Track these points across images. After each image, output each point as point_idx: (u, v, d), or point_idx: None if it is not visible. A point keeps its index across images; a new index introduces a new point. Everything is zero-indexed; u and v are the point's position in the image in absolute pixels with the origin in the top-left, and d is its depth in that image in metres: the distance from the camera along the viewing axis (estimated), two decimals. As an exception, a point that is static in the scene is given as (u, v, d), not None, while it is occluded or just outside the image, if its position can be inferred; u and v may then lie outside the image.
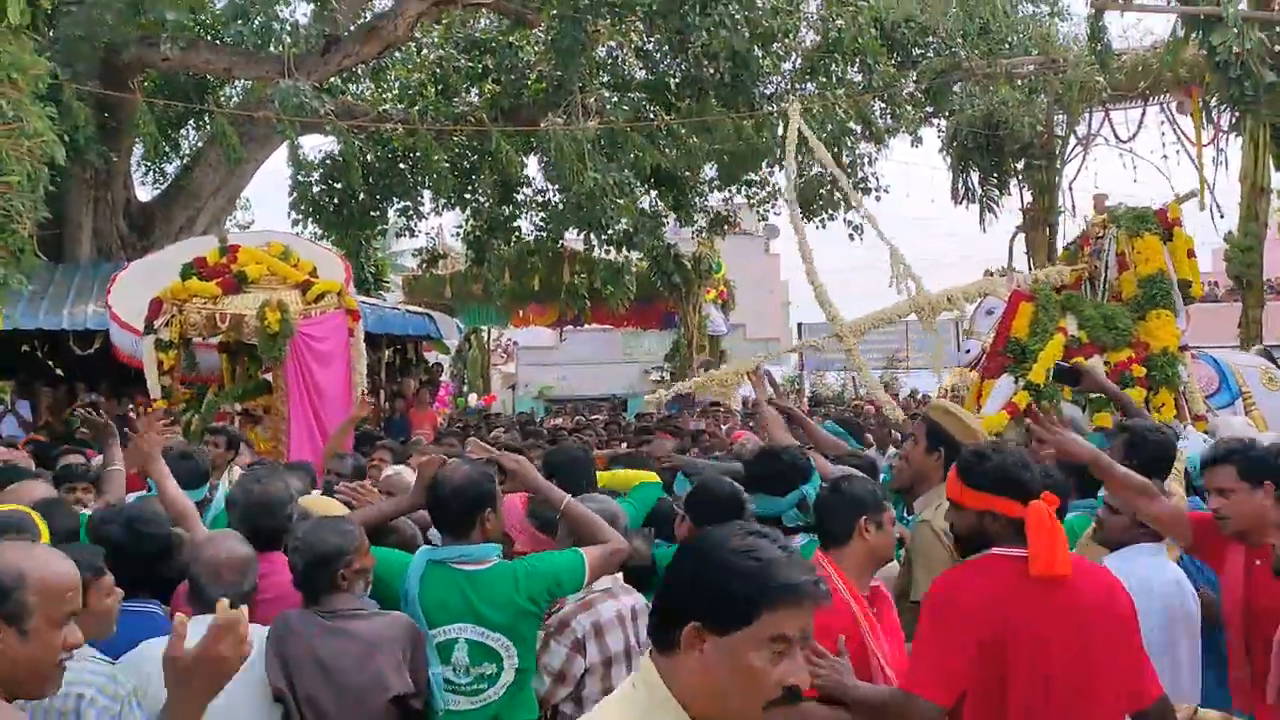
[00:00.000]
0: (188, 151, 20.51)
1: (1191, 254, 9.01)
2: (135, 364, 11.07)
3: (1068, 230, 18.90)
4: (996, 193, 19.39)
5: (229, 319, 9.10)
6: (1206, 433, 7.20)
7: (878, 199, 19.75)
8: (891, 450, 8.94)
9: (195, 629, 2.49)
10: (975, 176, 19.22)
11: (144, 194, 19.28)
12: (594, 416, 19.10)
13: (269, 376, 9.51)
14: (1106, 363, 8.45)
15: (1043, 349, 8.31)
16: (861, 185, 19.49)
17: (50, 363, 15.24)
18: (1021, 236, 19.19)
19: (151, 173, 20.37)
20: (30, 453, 8.14)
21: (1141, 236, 8.88)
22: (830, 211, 20.22)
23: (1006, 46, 17.05)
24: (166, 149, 19.69)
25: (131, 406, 15.16)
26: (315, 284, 9.68)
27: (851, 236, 19.85)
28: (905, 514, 4.78)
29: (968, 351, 9.43)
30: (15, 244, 6.33)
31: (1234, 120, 13.44)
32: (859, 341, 11.03)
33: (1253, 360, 10.29)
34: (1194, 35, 12.98)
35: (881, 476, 5.63)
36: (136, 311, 10.10)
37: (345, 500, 4.53)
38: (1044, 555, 3.07)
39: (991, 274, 18.75)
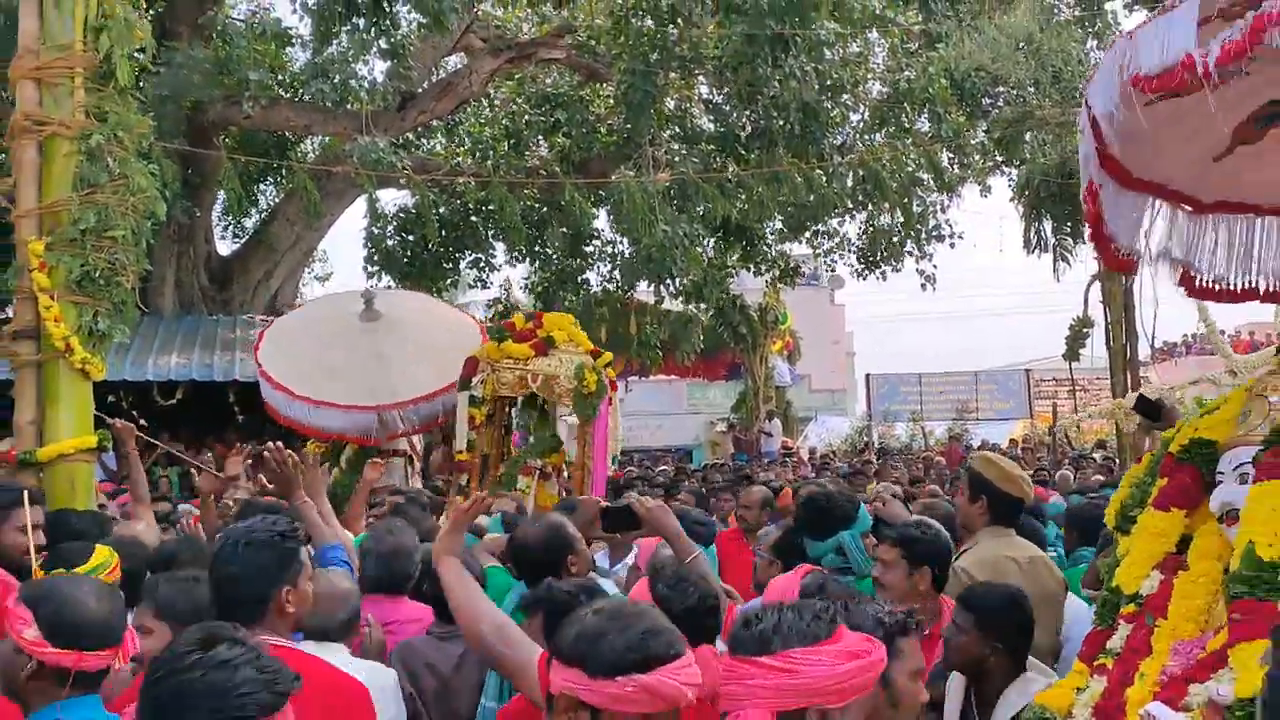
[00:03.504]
0: (266, 206, 20.90)
1: None
2: (287, 423, 11.30)
3: (1143, 280, 18.65)
4: (1070, 241, 19.16)
5: (540, 379, 9.59)
6: None
7: (952, 246, 19.64)
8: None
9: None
10: (1048, 225, 19.01)
11: (223, 248, 19.68)
12: (660, 467, 19.07)
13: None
14: None
15: None
16: (935, 233, 19.40)
17: (135, 413, 15.51)
18: (1097, 285, 18.92)
19: (230, 227, 20.78)
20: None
21: None
22: (895, 262, 20.12)
23: (1079, 94, 16.90)
24: (247, 204, 20.08)
25: (210, 455, 15.48)
26: (603, 353, 10.19)
27: (924, 286, 19.76)
28: None
29: None
30: (119, 296, 6.47)
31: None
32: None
33: None
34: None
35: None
36: (291, 374, 10.57)
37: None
38: None
39: (1074, 325, 18.62)
